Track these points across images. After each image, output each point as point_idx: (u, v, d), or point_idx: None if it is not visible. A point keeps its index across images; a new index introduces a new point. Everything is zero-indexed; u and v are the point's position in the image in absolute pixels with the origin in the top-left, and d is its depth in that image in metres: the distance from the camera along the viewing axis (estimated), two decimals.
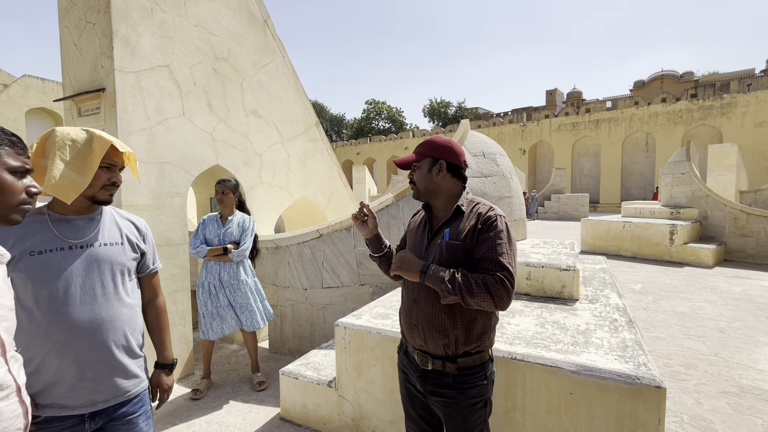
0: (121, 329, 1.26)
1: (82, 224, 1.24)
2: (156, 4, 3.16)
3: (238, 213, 3.20)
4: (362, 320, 2.31)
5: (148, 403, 1.38)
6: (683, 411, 2.67)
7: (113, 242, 1.29)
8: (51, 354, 1.15)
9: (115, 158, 1.27)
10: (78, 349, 1.17)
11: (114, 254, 1.27)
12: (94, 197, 1.24)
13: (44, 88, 17.95)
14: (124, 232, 1.33)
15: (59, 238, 1.20)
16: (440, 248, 1.35)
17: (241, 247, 3.08)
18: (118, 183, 1.29)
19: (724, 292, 5.61)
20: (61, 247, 1.19)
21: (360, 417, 2.27)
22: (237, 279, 3.11)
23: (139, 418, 1.31)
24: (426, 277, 1.28)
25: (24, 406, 0.88)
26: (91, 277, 1.21)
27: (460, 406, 1.33)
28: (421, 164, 1.43)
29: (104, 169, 1.24)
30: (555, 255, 2.97)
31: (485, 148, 3.57)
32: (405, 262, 1.33)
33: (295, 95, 4.70)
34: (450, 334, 1.31)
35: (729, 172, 11.47)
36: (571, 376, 1.66)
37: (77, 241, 1.21)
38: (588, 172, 24.89)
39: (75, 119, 3.24)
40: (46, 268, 1.15)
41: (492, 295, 1.20)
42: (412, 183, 1.47)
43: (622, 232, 8.42)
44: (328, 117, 50.46)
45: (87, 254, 1.22)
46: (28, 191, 0.96)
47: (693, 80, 41.42)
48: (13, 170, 0.93)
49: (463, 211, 1.37)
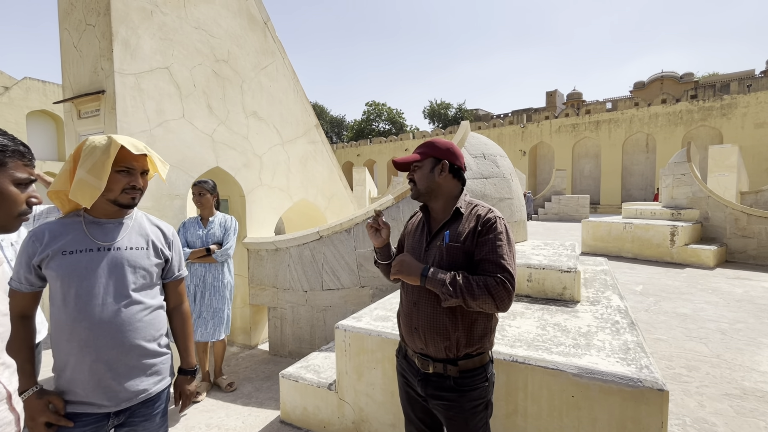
0: (143, 329, 1.29)
1: (111, 227, 1.30)
2: (156, 6, 3.17)
3: (218, 213, 3.23)
4: (362, 323, 2.30)
5: (166, 401, 1.41)
6: (685, 413, 2.66)
7: (138, 246, 1.33)
8: (75, 351, 1.19)
9: (133, 162, 1.29)
10: (100, 348, 1.21)
11: (137, 258, 1.31)
12: (116, 200, 1.28)
13: (45, 90, 17.98)
14: (150, 238, 1.37)
15: (90, 239, 1.25)
16: (440, 250, 1.35)
17: (224, 247, 3.11)
18: (139, 186, 1.31)
19: (726, 293, 5.59)
20: (90, 248, 1.24)
21: (360, 420, 2.25)
22: (221, 281, 3.14)
23: (156, 416, 1.35)
24: (426, 280, 1.27)
25: (15, 414, 0.86)
26: (114, 278, 1.25)
27: (462, 409, 1.33)
28: (423, 164, 1.42)
29: (123, 173, 1.26)
30: (556, 257, 2.95)
31: (485, 149, 3.56)
32: (405, 266, 1.32)
33: (295, 97, 4.70)
34: (451, 337, 1.31)
35: (730, 173, 11.46)
36: (572, 378, 1.65)
37: (105, 243, 1.27)
38: (588, 173, 24.88)
39: (75, 121, 3.24)
40: (75, 267, 1.20)
41: (493, 297, 1.20)
42: (411, 183, 1.46)
43: (623, 233, 8.40)
44: (329, 119, 50.53)
45: (112, 256, 1.26)
46: (28, 202, 0.97)
47: (693, 81, 41.43)
48: (19, 182, 0.94)
49: (462, 213, 1.37)
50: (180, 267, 1.49)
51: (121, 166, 1.26)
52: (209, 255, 3.04)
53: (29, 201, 0.97)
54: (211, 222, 3.15)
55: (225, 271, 3.18)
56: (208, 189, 3.13)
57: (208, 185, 3.14)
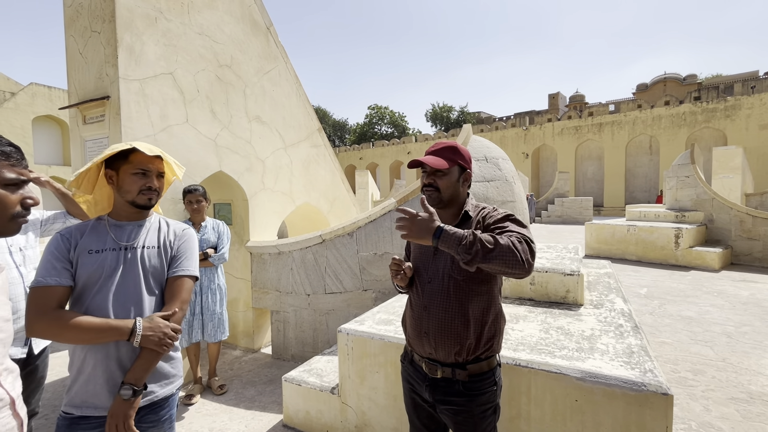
0: None
1: (131, 229, 1.37)
2: (160, 12, 3.20)
3: (209, 219, 3.28)
4: (365, 326, 2.30)
5: (174, 406, 1.41)
6: (691, 418, 2.63)
7: (150, 245, 1.37)
8: (88, 352, 1.21)
9: (149, 164, 1.33)
10: (113, 345, 1.22)
11: (151, 256, 1.36)
12: (134, 201, 1.33)
13: (51, 95, 18.17)
14: (161, 237, 1.41)
15: (113, 239, 1.32)
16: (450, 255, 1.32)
17: (220, 251, 3.19)
18: (155, 187, 1.35)
19: (732, 296, 5.54)
20: (113, 248, 1.31)
21: (363, 424, 2.25)
22: (216, 283, 3.22)
23: (164, 422, 1.35)
24: (440, 239, 1.13)
25: (18, 419, 0.85)
26: (131, 275, 1.29)
27: (471, 414, 1.31)
28: (450, 172, 1.35)
29: (139, 176, 1.32)
30: (559, 259, 2.95)
31: (488, 152, 3.56)
32: (416, 226, 1.16)
33: (297, 101, 4.73)
34: (463, 341, 1.30)
35: (734, 175, 11.39)
36: (576, 382, 1.64)
37: (126, 243, 1.33)
38: (591, 175, 24.79)
39: (80, 127, 3.27)
40: (101, 264, 1.26)
41: (517, 250, 1.09)
42: (432, 188, 1.36)
43: (627, 235, 8.36)
44: (331, 122, 50.67)
45: (132, 255, 1.32)
46: (23, 203, 0.92)
47: (696, 83, 41.25)
48: (7, 183, 0.90)
49: (470, 216, 1.36)
50: (182, 264, 1.40)
51: (137, 169, 1.31)
52: (206, 259, 3.11)
53: (24, 202, 0.92)
54: (204, 227, 3.21)
55: (219, 273, 3.27)
56: (204, 195, 3.21)
57: (202, 192, 3.20)
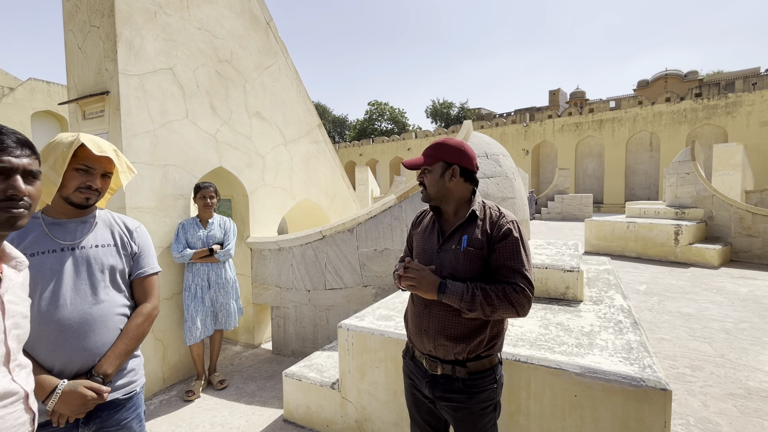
0: (113, 329, 1.25)
1: (74, 227, 1.26)
2: (159, 7, 3.18)
3: (216, 215, 3.31)
4: (365, 322, 2.30)
5: (141, 405, 1.37)
6: (689, 413, 2.65)
7: (105, 244, 1.29)
8: (43, 355, 1.14)
9: (94, 162, 1.24)
10: (69, 350, 1.16)
11: (104, 255, 1.28)
12: (69, 198, 1.22)
13: (50, 91, 18.09)
14: (116, 234, 1.33)
15: (53, 240, 1.21)
16: (456, 254, 1.31)
17: (226, 247, 3.22)
18: (96, 187, 1.25)
19: (731, 292, 5.56)
20: (54, 249, 1.20)
21: (363, 419, 2.26)
22: (224, 278, 3.25)
23: (132, 422, 1.31)
24: (444, 296, 1.24)
25: (31, 413, 0.85)
26: (82, 278, 1.22)
27: (471, 411, 1.32)
28: (433, 168, 1.37)
29: (80, 172, 1.22)
30: (559, 256, 2.95)
31: (488, 148, 3.56)
32: (423, 282, 1.25)
33: (297, 97, 4.71)
34: (463, 340, 1.30)
35: (734, 172, 11.37)
36: (575, 378, 1.65)
37: (69, 243, 1.23)
38: (592, 172, 24.76)
39: (80, 122, 3.26)
40: (39, 269, 1.15)
41: (514, 305, 1.22)
42: (422, 186, 1.41)
43: (627, 232, 8.37)
44: (331, 118, 50.55)
45: (78, 255, 1.23)
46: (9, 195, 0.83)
47: (697, 79, 41.14)
48: None
49: (477, 216, 1.34)
50: (147, 263, 1.39)
51: (80, 164, 1.21)
52: (211, 255, 3.13)
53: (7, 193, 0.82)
54: (211, 223, 3.23)
55: (227, 268, 3.29)
56: (216, 192, 3.25)
57: (215, 189, 3.25)
